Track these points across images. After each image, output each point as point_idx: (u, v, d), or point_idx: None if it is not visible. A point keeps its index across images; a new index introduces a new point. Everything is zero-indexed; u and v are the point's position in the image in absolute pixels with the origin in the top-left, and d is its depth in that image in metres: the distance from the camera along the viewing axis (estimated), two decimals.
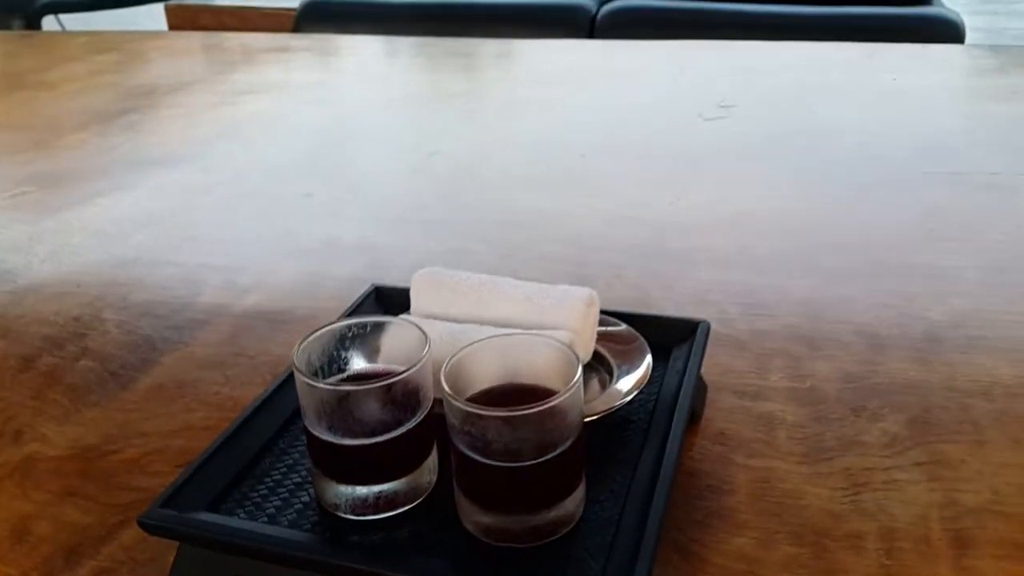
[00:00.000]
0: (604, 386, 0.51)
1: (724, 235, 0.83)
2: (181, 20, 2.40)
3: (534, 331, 0.47)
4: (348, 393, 0.39)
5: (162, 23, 2.42)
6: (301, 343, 0.42)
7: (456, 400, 0.38)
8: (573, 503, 0.40)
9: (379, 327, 0.45)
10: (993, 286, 0.71)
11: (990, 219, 0.83)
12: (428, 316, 0.52)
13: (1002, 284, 0.71)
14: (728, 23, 2.00)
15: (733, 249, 0.80)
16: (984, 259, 0.75)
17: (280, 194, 1.00)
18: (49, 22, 3.07)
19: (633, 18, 2.07)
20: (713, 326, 0.54)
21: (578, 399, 0.39)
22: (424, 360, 0.41)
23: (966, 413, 0.55)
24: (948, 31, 1.81)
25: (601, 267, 0.77)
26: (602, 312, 0.54)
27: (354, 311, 0.59)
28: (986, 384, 0.57)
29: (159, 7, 2.62)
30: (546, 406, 0.37)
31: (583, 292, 0.52)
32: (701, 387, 0.56)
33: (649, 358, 0.51)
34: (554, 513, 0.39)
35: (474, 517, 0.40)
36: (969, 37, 1.81)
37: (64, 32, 2.85)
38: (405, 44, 1.66)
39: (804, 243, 0.80)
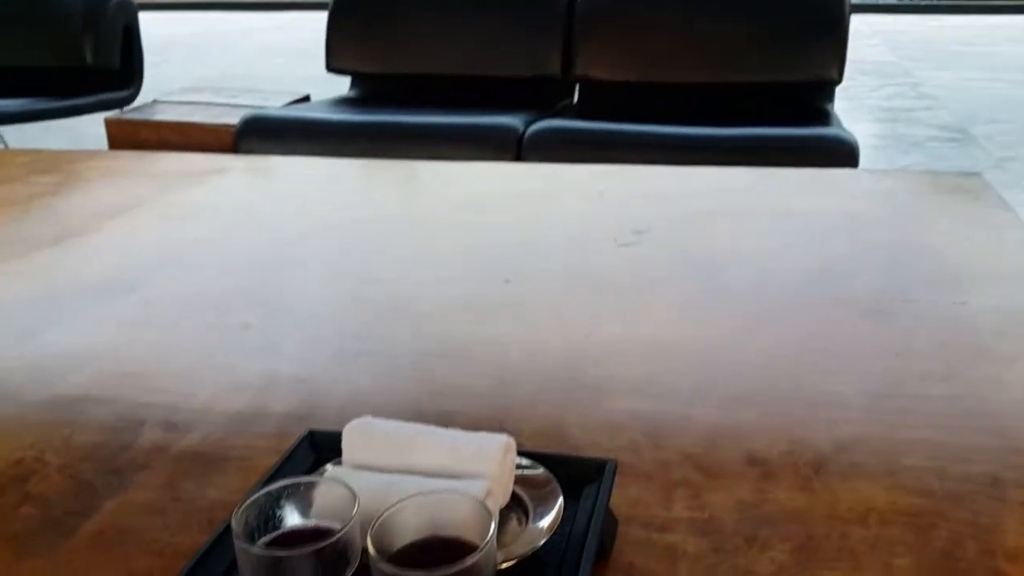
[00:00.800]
0: (522, 525, 0.57)
1: (634, 364, 0.90)
2: (122, 134, 2.45)
3: (455, 482, 0.53)
4: (281, 559, 0.44)
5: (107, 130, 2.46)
6: (239, 507, 0.46)
7: (380, 562, 0.42)
8: None
9: (311, 485, 0.50)
10: (874, 412, 0.79)
11: (872, 345, 0.92)
12: (359, 466, 0.57)
13: (882, 410, 0.80)
14: (642, 143, 2.15)
15: (642, 378, 0.87)
16: (866, 385, 0.84)
17: (219, 325, 1.04)
18: None
19: (557, 139, 2.21)
20: (622, 458, 0.60)
21: (492, 555, 0.44)
22: (353, 521, 0.46)
23: (845, 541, 0.61)
24: (843, 150, 1.99)
25: (521, 398, 0.83)
26: (519, 453, 0.60)
27: (289, 457, 0.63)
28: (863, 512, 0.65)
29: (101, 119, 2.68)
30: (463, 566, 0.42)
31: (500, 440, 0.57)
32: (611, 522, 0.61)
33: (561, 500, 0.57)
34: None
35: None
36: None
37: (6, 150, 2.86)
38: (341, 165, 1.74)
39: (705, 371, 0.88)
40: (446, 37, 2.86)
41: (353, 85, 2.95)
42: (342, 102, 2.77)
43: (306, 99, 2.88)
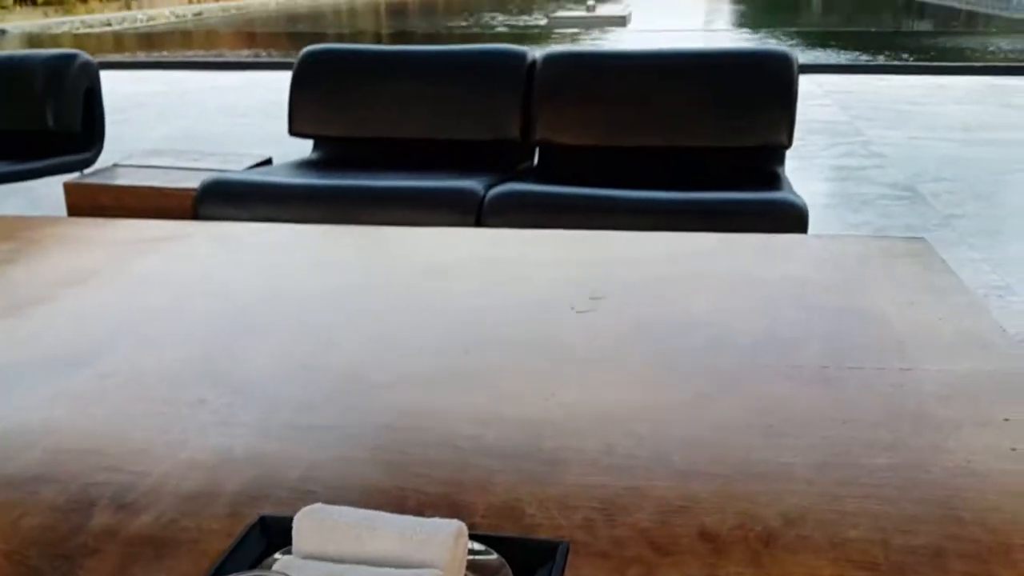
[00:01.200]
0: None
1: (591, 435, 0.91)
2: (81, 199, 2.44)
3: (406, 572, 0.53)
4: None
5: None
6: None
7: None
8: None
9: None
10: (821, 483, 0.81)
11: (820, 413, 0.95)
12: (309, 555, 0.57)
13: (828, 481, 0.81)
14: (599, 207, 2.20)
15: (599, 449, 0.88)
16: (814, 455, 0.86)
17: (174, 400, 1.03)
18: None
19: (516, 202, 2.25)
20: (577, 536, 0.61)
21: None
22: None
23: None
24: (793, 213, 2.05)
25: (477, 474, 0.84)
26: (471, 537, 0.60)
27: (239, 544, 0.63)
28: None
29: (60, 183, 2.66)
30: None
31: (451, 527, 0.58)
32: None
33: None
34: None
35: None
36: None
37: None
38: (301, 232, 1.75)
39: (660, 442, 0.90)
40: (408, 102, 2.91)
41: (315, 148, 2.98)
42: (304, 165, 2.79)
43: (268, 162, 2.90)
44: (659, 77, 2.80)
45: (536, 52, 2.90)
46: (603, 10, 18.90)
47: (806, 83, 7.64)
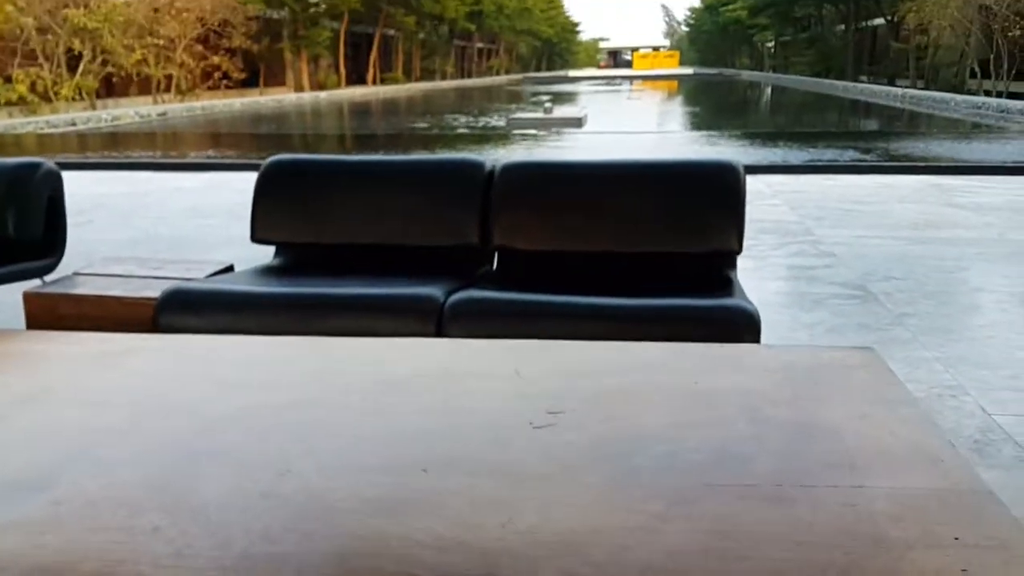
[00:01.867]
0: None
1: (549, 559, 0.91)
2: (40, 309, 2.42)
3: None
4: None
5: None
6: None
7: None
8: None
9: None
10: None
11: (774, 534, 0.96)
12: None
13: None
14: (557, 313, 2.24)
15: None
16: None
17: (129, 527, 1.01)
18: None
19: (476, 309, 2.28)
20: None
21: None
22: None
23: None
24: (745, 320, 2.11)
25: None
26: None
27: None
28: None
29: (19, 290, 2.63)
30: None
31: None
32: None
33: None
34: None
35: None
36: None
37: None
38: (259, 344, 1.75)
39: (618, 568, 0.90)
40: (370, 210, 2.97)
41: (277, 253, 3.00)
42: (265, 272, 2.81)
43: (229, 268, 2.91)
44: (612, 186, 2.90)
45: (495, 163, 3.00)
46: (560, 112, 19.59)
47: (755, 183, 7.96)
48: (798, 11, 43.05)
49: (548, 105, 21.20)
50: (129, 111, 19.63)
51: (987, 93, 22.12)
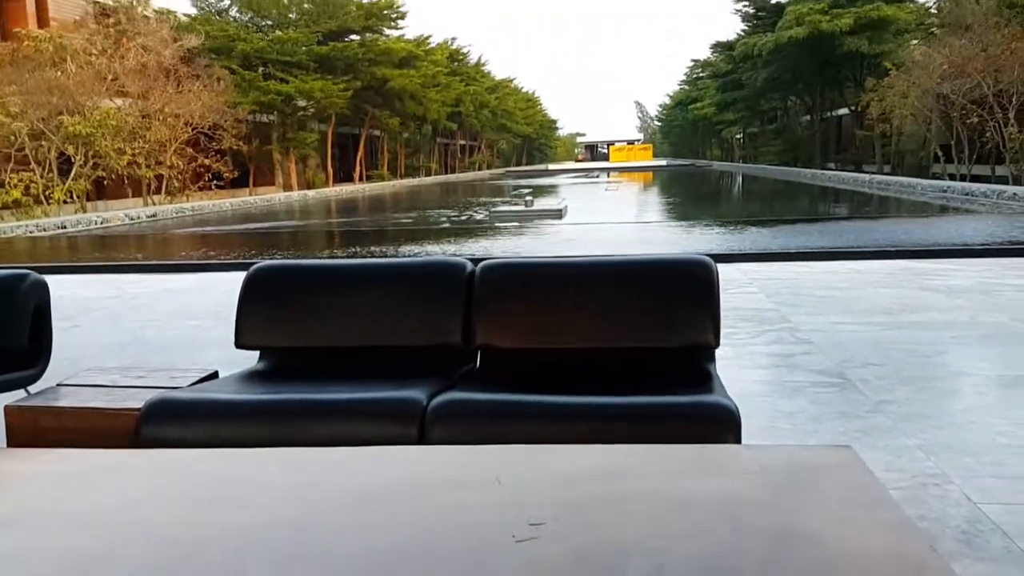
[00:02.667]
0: None
1: None
2: (21, 422, 2.42)
3: None
4: None
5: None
6: None
7: None
8: None
9: None
10: None
11: None
12: None
13: None
14: (539, 414, 2.27)
15: None
16: None
17: None
18: None
19: (458, 411, 2.30)
20: None
21: None
22: None
23: None
24: (725, 416, 2.14)
25: None
26: None
27: None
28: None
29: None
30: None
31: None
32: None
33: None
34: None
35: None
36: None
37: None
38: (240, 458, 1.76)
39: None
40: (354, 313, 3.02)
41: (261, 358, 3.02)
42: (249, 377, 2.82)
43: (214, 375, 2.92)
44: (590, 284, 2.97)
45: (475, 265, 3.07)
46: (540, 204, 20.00)
47: (732, 271, 8.11)
48: (764, 105, 44.71)
49: (528, 198, 21.64)
50: (119, 213, 19.82)
51: (951, 176, 22.84)
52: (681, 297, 2.86)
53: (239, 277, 3.17)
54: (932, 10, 29.27)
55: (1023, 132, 19.25)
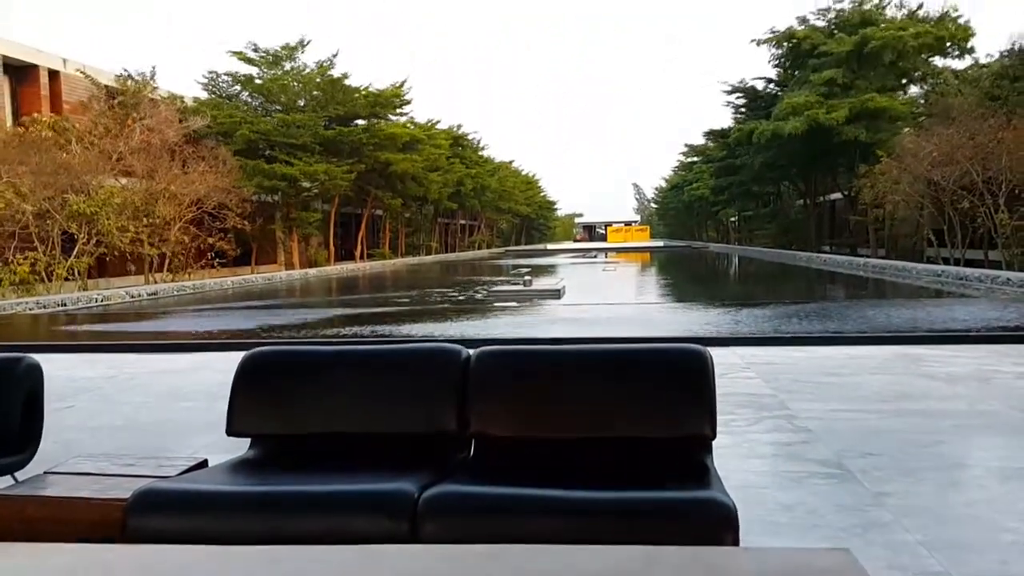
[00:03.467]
0: None
1: None
2: (7, 511, 2.38)
3: None
4: None
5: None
6: None
7: None
8: None
9: None
10: None
11: None
12: None
13: None
14: (533, 508, 2.24)
15: None
16: None
17: None
18: None
19: (450, 505, 2.27)
20: None
21: None
22: None
23: None
24: (722, 514, 2.11)
25: None
26: None
27: None
28: None
29: None
30: None
31: None
32: None
33: None
34: None
35: None
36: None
37: None
38: (224, 558, 1.72)
39: None
40: (348, 399, 3.01)
41: (253, 445, 3.00)
42: (239, 467, 2.79)
43: (204, 464, 2.89)
44: (586, 372, 2.97)
45: (471, 351, 3.08)
46: (539, 284, 20.12)
47: (730, 355, 8.09)
48: (757, 189, 45.47)
49: (527, 278, 21.78)
50: (120, 291, 19.89)
51: (945, 260, 23.06)
52: (677, 387, 2.86)
53: (235, 357, 3.16)
54: (920, 101, 30.14)
55: (1014, 218, 19.53)
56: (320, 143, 33.25)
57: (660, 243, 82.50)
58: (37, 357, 3.33)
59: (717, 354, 2.94)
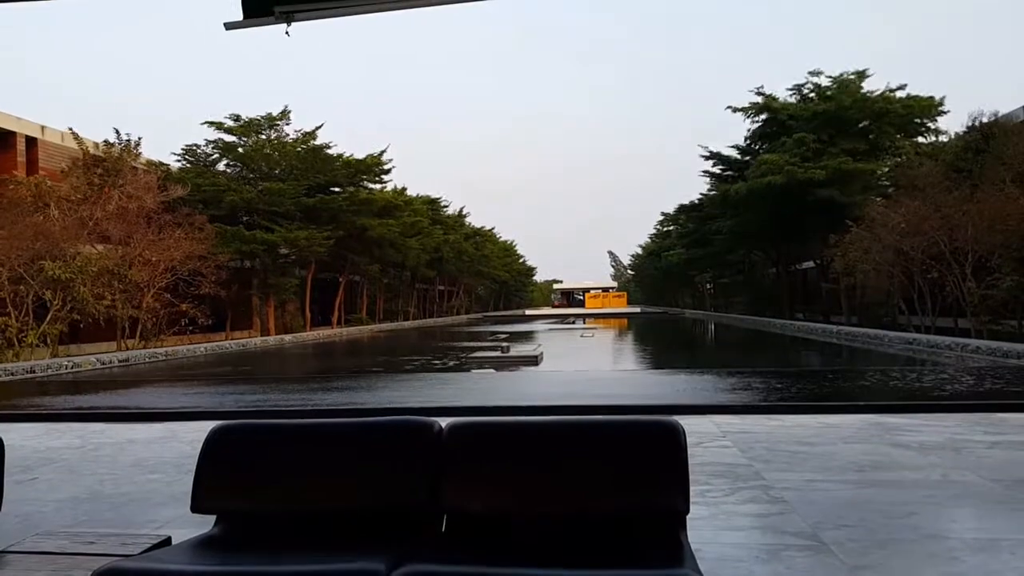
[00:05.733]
0: None
1: None
2: None
3: None
4: None
5: None
6: None
7: None
8: None
9: None
10: None
11: None
12: None
13: None
14: None
15: None
16: None
17: None
18: None
19: None
20: None
21: None
22: None
23: None
24: None
25: None
26: None
27: None
28: None
29: None
30: None
31: None
32: None
33: None
34: None
35: None
36: None
37: None
38: None
39: None
40: (315, 473, 2.97)
41: (218, 522, 2.94)
42: (202, 545, 2.73)
43: (167, 541, 2.83)
44: (558, 446, 2.96)
45: (442, 425, 3.06)
46: (516, 350, 20.09)
47: (706, 424, 8.09)
48: (730, 257, 46.14)
49: (505, 345, 21.75)
50: (91, 358, 19.57)
51: (916, 328, 23.35)
52: (650, 461, 2.86)
53: (203, 426, 3.12)
54: (886, 170, 30.96)
55: (981, 287, 19.90)
56: (301, 210, 33.42)
57: (637, 309, 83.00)
58: (1, 427, 3.27)
59: (693, 422, 2.96)
